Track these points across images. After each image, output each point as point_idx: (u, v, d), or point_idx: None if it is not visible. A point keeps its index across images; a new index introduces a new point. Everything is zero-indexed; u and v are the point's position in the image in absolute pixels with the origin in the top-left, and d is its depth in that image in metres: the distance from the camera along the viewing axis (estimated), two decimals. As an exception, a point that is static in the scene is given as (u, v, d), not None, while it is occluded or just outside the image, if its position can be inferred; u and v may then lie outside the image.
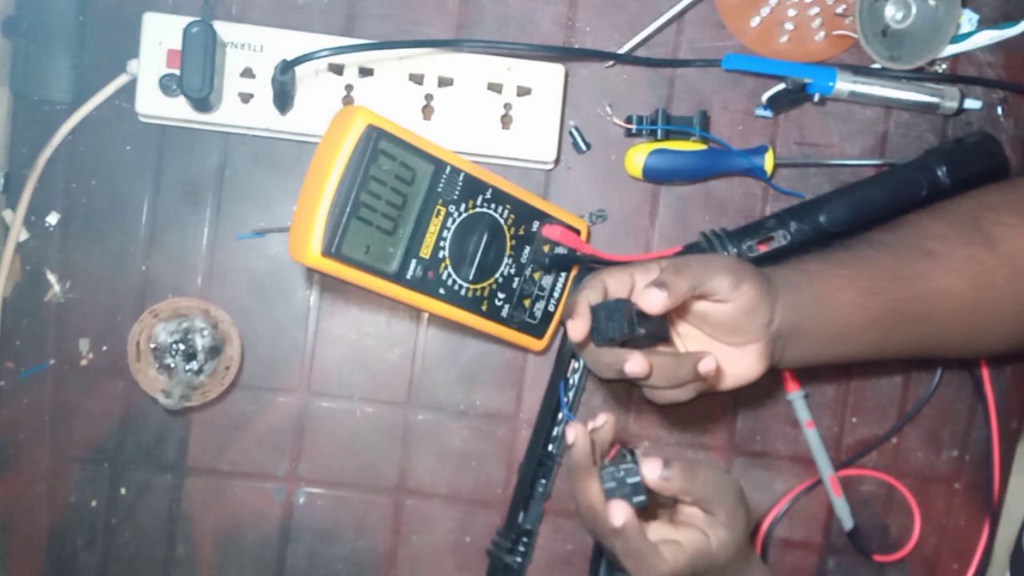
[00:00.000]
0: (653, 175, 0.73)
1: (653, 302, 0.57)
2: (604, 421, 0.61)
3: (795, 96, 0.73)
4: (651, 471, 0.57)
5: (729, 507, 0.60)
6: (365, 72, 0.71)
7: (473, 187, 0.66)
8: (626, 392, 0.76)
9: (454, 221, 0.65)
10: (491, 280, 0.68)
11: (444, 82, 0.71)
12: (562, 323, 0.71)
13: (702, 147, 0.73)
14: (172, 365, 0.71)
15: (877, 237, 0.66)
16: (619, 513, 0.56)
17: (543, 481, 0.75)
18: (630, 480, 0.57)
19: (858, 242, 0.66)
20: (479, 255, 0.66)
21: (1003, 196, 0.66)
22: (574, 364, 0.75)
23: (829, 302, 0.63)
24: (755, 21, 0.74)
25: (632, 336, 0.58)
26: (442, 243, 0.65)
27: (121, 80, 0.72)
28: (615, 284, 0.61)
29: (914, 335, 0.65)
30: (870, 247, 0.65)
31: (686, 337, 0.65)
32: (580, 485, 0.58)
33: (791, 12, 0.74)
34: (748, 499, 0.76)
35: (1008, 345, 0.68)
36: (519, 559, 0.75)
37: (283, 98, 0.69)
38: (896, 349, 0.66)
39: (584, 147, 0.75)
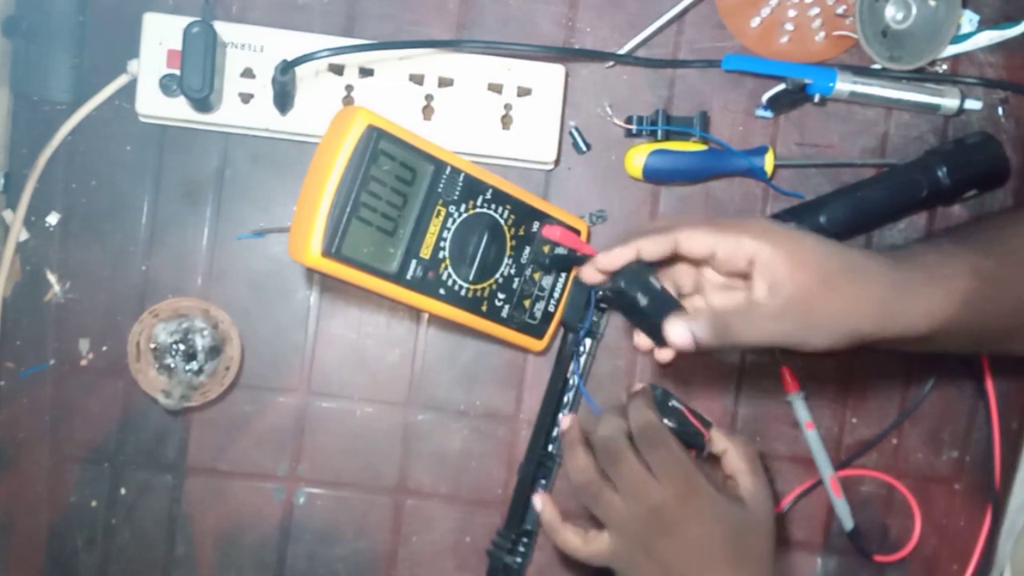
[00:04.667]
0: (653, 175, 0.73)
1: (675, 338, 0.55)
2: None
3: (795, 96, 0.73)
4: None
5: (758, 490, 0.61)
6: (365, 72, 0.71)
7: (473, 187, 0.66)
8: (625, 393, 0.76)
9: (454, 221, 0.65)
10: (491, 280, 0.68)
11: (444, 82, 0.71)
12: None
13: (702, 148, 0.73)
14: (172, 365, 0.71)
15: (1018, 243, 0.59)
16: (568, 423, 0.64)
17: (543, 481, 0.75)
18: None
19: (1000, 242, 0.59)
20: (479, 255, 0.66)
21: None
22: (574, 364, 0.75)
23: (946, 298, 0.55)
24: (755, 22, 0.74)
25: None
26: (442, 243, 0.65)
27: (121, 80, 0.72)
28: (652, 249, 0.56)
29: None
30: (1009, 251, 0.58)
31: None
32: (568, 455, 0.64)
33: (791, 13, 0.74)
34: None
35: None
36: (519, 559, 0.75)
37: (283, 98, 0.69)
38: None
39: (584, 147, 0.75)
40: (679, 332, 0.54)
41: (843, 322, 0.53)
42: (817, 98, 0.73)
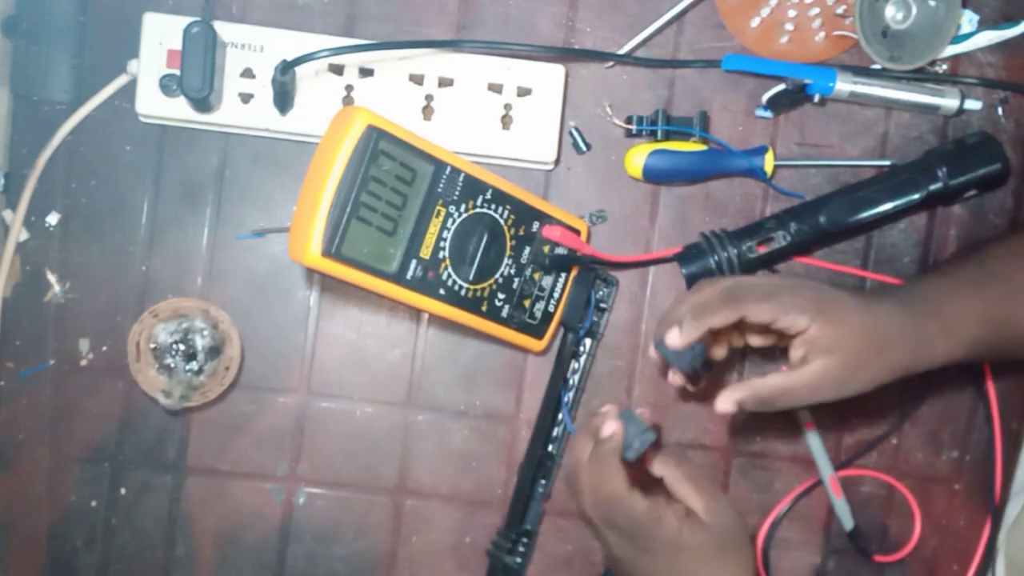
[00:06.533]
0: (653, 175, 0.73)
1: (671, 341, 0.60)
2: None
3: (795, 97, 0.73)
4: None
5: (711, 510, 0.61)
6: (365, 72, 0.71)
7: (473, 187, 0.66)
8: (625, 393, 0.76)
9: (454, 221, 0.65)
10: (491, 280, 0.68)
11: (444, 82, 0.71)
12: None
13: (702, 148, 0.73)
14: (172, 365, 0.71)
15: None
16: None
17: (543, 481, 0.75)
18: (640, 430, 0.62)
19: (1015, 275, 0.64)
20: (479, 255, 0.66)
21: None
22: (574, 364, 0.75)
23: (960, 344, 0.62)
24: (755, 22, 0.74)
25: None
26: (442, 243, 0.65)
27: (121, 80, 0.72)
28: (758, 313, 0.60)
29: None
30: (1020, 288, 0.63)
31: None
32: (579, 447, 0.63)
33: (791, 13, 0.74)
34: (747, 501, 0.76)
35: None
36: (519, 559, 0.75)
37: (283, 98, 0.70)
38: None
39: (584, 147, 0.75)
40: (725, 406, 0.61)
41: (868, 385, 0.61)
42: (817, 98, 0.73)
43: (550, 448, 0.75)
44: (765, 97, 0.74)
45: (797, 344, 0.60)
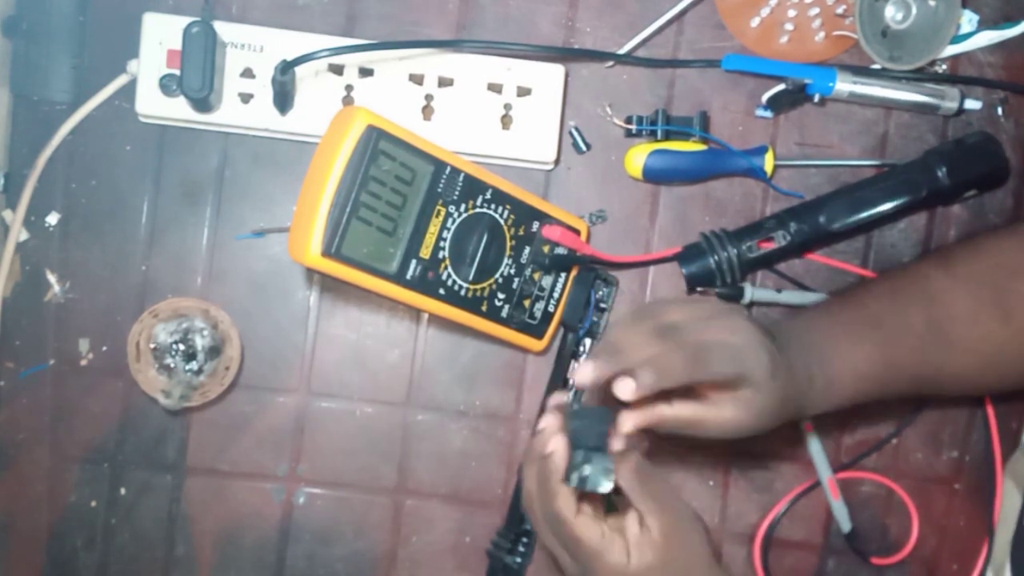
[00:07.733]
0: (653, 175, 0.73)
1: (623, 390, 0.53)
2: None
3: (795, 96, 0.73)
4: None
5: (667, 529, 0.56)
6: (365, 72, 0.71)
7: (473, 187, 0.66)
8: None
9: (454, 221, 0.65)
10: (491, 280, 0.68)
11: (444, 82, 0.71)
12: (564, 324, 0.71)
13: (702, 147, 0.73)
14: (172, 365, 0.71)
15: (911, 317, 0.63)
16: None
17: (543, 481, 0.75)
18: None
19: (892, 319, 0.63)
20: (479, 255, 0.66)
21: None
22: (574, 364, 0.74)
23: (840, 398, 0.62)
24: (755, 22, 0.74)
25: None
26: (442, 243, 0.65)
27: (121, 80, 0.72)
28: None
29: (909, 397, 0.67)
30: (899, 333, 0.63)
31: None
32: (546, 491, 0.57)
33: (791, 13, 0.74)
34: (747, 501, 0.76)
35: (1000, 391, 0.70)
36: (519, 559, 0.75)
37: (283, 98, 0.70)
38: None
39: (584, 147, 0.75)
40: (626, 428, 0.57)
41: (761, 431, 0.60)
42: (817, 98, 0.73)
43: (550, 448, 0.75)
44: (765, 97, 0.74)
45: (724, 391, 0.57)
